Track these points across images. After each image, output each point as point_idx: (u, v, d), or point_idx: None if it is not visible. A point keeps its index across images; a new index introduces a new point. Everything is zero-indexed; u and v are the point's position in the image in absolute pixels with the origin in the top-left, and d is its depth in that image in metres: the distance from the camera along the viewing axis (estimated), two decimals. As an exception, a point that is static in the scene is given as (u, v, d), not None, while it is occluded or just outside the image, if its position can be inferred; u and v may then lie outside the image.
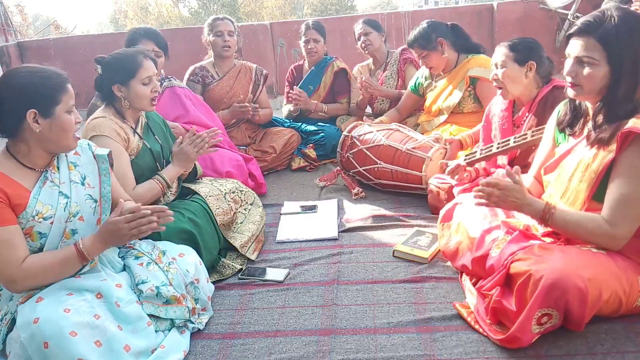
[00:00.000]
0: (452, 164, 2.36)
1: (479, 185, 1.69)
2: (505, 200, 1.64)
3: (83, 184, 1.69)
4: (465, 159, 2.33)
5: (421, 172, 2.69)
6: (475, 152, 2.35)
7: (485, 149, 2.31)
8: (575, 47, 1.59)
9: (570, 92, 1.65)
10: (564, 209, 1.63)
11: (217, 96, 3.44)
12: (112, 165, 1.81)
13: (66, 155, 1.70)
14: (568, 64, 1.63)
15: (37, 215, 1.56)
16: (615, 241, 1.56)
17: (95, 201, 1.71)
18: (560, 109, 1.83)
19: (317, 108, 3.73)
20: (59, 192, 1.63)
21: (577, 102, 1.73)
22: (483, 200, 1.68)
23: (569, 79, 1.63)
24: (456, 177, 2.34)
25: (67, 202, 1.63)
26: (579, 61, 1.58)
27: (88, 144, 1.78)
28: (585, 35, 1.56)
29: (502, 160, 2.33)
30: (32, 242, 1.57)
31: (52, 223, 1.58)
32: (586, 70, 1.57)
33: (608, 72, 1.54)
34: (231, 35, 3.37)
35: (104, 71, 2.10)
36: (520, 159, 2.29)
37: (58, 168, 1.67)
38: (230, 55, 3.43)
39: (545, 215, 1.61)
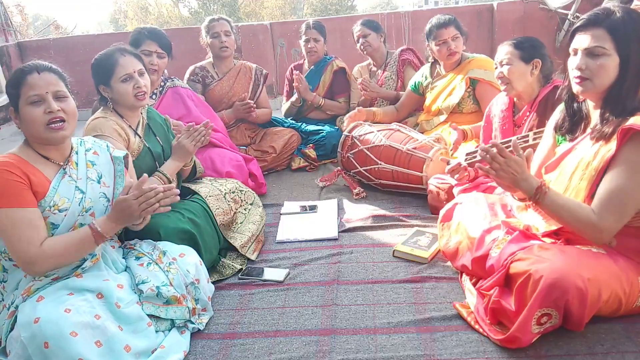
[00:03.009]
0: (452, 162, 2.37)
1: (486, 145, 1.67)
2: (505, 170, 1.63)
3: (99, 182, 1.74)
4: (465, 160, 2.32)
5: (422, 173, 2.69)
6: (476, 152, 2.34)
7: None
8: (584, 40, 1.58)
9: (577, 89, 1.62)
10: (557, 192, 1.63)
11: (217, 96, 3.44)
12: (127, 167, 1.84)
13: (85, 154, 1.75)
14: (576, 59, 1.61)
15: (53, 206, 1.60)
16: (599, 233, 1.55)
17: (108, 200, 1.75)
18: (559, 112, 1.83)
19: (315, 100, 3.73)
20: (76, 187, 1.67)
21: (575, 105, 1.72)
22: (486, 166, 1.66)
23: (576, 73, 1.60)
24: (456, 176, 2.34)
25: (82, 197, 1.67)
26: (589, 53, 1.57)
27: (107, 145, 1.83)
28: (594, 27, 1.56)
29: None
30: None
31: (65, 215, 1.62)
32: (597, 62, 1.55)
33: (618, 63, 1.54)
34: (228, 35, 3.36)
35: (92, 74, 2.12)
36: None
37: (77, 164, 1.71)
38: (229, 55, 3.43)
39: (537, 193, 1.60)
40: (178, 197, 1.68)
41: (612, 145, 1.54)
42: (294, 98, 3.81)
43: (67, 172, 1.67)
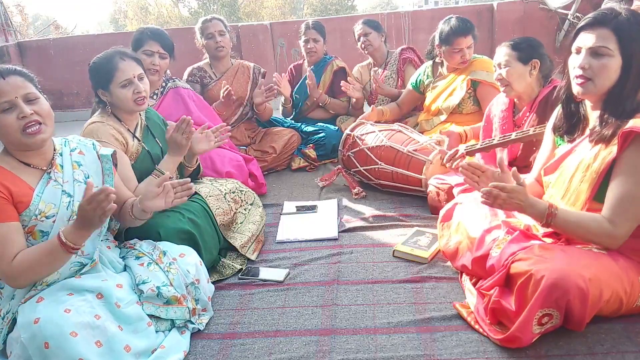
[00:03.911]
0: (451, 151, 2.37)
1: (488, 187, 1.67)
2: (510, 202, 1.62)
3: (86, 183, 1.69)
4: (465, 149, 2.33)
5: (421, 175, 2.69)
6: (476, 144, 2.36)
7: (486, 140, 2.31)
8: (588, 39, 1.57)
9: (577, 89, 1.61)
10: (565, 210, 1.63)
11: (215, 96, 3.42)
12: (116, 165, 1.81)
13: (70, 154, 1.71)
14: (579, 58, 1.59)
15: (40, 214, 1.56)
16: (615, 240, 1.56)
17: None
18: (557, 113, 1.82)
19: (321, 98, 3.73)
20: (62, 190, 1.63)
21: (572, 106, 1.72)
22: (489, 201, 1.66)
23: (578, 72, 1.59)
24: (454, 164, 2.34)
25: (70, 201, 1.64)
26: (593, 53, 1.56)
27: (93, 144, 1.79)
28: (600, 26, 1.55)
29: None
30: (33, 240, 1.58)
31: (54, 222, 1.59)
32: (600, 62, 1.55)
33: (620, 65, 1.54)
34: (222, 34, 3.35)
35: (89, 77, 2.08)
36: (521, 159, 2.29)
37: (62, 167, 1.67)
38: (225, 54, 3.42)
39: (548, 217, 1.60)
40: (192, 190, 1.73)
41: (613, 148, 1.54)
42: (282, 99, 3.81)
43: (52, 176, 1.63)
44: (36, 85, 1.60)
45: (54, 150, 1.68)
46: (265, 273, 2.12)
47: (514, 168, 1.66)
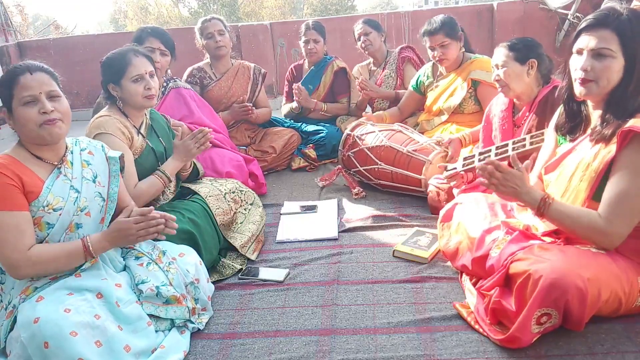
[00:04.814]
0: (450, 167, 2.36)
1: (482, 163, 1.66)
2: (505, 184, 1.62)
3: (94, 182, 1.74)
4: (463, 165, 2.31)
5: (421, 175, 2.69)
6: (474, 156, 2.34)
7: (483, 154, 2.29)
8: (590, 41, 1.55)
9: (580, 90, 1.61)
10: (561, 202, 1.63)
11: (215, 97, 3.44)
12: (122, 169, 1.83)
13: (80, 154, 1.75)
14: (581, 60, 1.58)
15: (47, 205, 1.60)
16: (609, 238, 1.55)
17: (104, 200, 1.75)
18: (559, 112, 1.82)
19: (317, 107, 3.73)
20: (71, 186, 1.67)
21: (574, 106, 1.72)
22: (484, 181, 1.66)
23: (581, 74, 1.58)
24: (453, 183, 2.35)
25: (77, 197, 1.67)
26: (595, 54, 1.55)
27: (102, 146, 1.83)
28: (601, 28, 1.54)
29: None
30: (39, 232, 1.60)
31: (60, 215, 1.62)
32: (603, 64, 1.54)
33: (623, 66, 1.53)
34: (222, 34, 3.35)
35: (101, 72, 2.12)
36: (520, 159, 2.28)
37: (72, 163, 1.71)
38: (225, 54, 3.42)
39: (541, 206, 1.60)
40: (173, 231, 1.71)
41: (612, 147, 1.54)
42: (293, 105, 3.81)
43: (62, 171, 1.67)
44: (59, 84, 1.66)
45: (66, 147, 1.73)
46: (265, 273, 2.12)
47: (513, 154, 1.65)
